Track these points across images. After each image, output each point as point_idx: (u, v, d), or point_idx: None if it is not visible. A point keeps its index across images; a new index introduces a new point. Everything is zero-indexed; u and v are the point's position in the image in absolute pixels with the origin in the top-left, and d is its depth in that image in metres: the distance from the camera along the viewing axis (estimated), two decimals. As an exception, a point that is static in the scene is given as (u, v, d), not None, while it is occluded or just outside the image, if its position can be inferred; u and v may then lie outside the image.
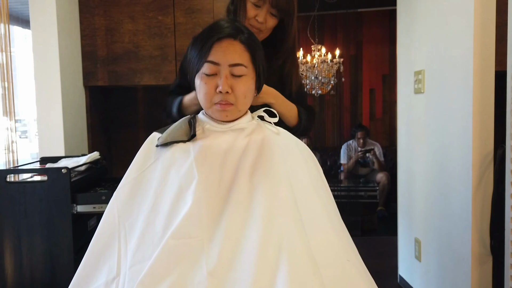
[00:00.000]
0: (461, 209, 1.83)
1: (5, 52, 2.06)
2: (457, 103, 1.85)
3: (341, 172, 4.92)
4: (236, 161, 1.07)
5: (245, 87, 1.11)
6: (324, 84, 4.72)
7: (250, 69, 1.12)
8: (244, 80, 1.11)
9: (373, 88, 5.63)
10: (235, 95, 1.09)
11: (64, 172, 1.77)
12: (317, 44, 4.70)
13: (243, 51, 1.11)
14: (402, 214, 2.60)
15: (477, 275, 1.76)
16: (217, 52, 1.09)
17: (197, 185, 1.02)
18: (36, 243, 1.78)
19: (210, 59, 1.09)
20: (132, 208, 1.07)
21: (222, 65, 1.09)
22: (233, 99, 1.10)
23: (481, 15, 1.69)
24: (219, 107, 1.10)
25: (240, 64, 1.10)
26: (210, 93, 1.10)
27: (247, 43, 1.12)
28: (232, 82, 1.09)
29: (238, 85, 1.10)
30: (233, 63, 1.09)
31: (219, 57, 1.09)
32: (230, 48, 1.10)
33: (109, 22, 2.57)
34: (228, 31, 1.11)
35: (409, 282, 2.47)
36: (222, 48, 1.09)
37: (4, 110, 2.07)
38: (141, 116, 3.01)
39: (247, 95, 1.12)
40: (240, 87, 1.10)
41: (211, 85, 1.09)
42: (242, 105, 1.12)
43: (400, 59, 2.57)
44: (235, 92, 1.09)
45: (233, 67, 1.09)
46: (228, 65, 1.09)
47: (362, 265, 1.05)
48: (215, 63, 1.09)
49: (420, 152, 2.28)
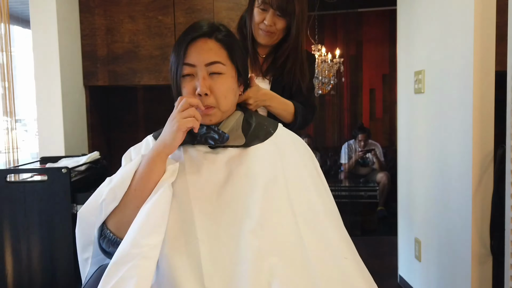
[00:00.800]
0: (461, 209, 1.83)
1: (5, 52, 2.06)
2: (457, 103, 1.85)
3: (342, 172, 4.92)
4: (223, 165, 1.05)
5: (225, 86, 1.06)
6: (324, 84, 4.72)
7: (228, 66, 1.07)
8: (223, 78, 1.06)
9: (373, 88, 5.63)
10: (215, 96, 1.05)
11: (64, 172, 1.77)
12: (317, 44, 4.70)
13: (219, 48, 1.06)
14: (402, 214, 2.60)
15: (477, 275, 1.76)
16: (191, 53, 1.05)
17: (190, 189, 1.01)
18: (36, 243, 1.78)
19: (186, 61, 1.05)
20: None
21: (198, 66, 1.04)
22: (213, 102, 1.05)
23: (481, 15, 1.69)
24: (200, 112, 1.03)
25: (217, 62, 1.05)
26: (190, 96, 1.05)
27: (223, 40, 1.07)
28: (210, 83, 1.04)
29: (216, 85, 1.05)
30: (209, 62, 1.04)
31: (194, 58, 1.04)
32: (205, 47, 1.06)
33: (109, 22, 2.57)
34: (203, 30, 1.07)
35: (409, 282, 2.47)
36: (197, 48, 1.05)
37: (4, 109, 2.07)
38: (141, 116, 3.01)
39: (228, 95, 1.07)
40: (219, 87, 1.05)
41: (190, 88, 1.05)
42: (224, 106, 1.07)
43: (400, 59, 2.57)
44: (215, 93, 1.05)
45: (210, 65, 1.04)
46: (204, 65, 1.04)
47: (361, 263, 1.04)
48: (191, 65, 1.05)
49: (420, 152, 2.28)
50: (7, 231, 1.77)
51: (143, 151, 1.12)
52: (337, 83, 5.02)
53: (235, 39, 1.13)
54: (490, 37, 1.70)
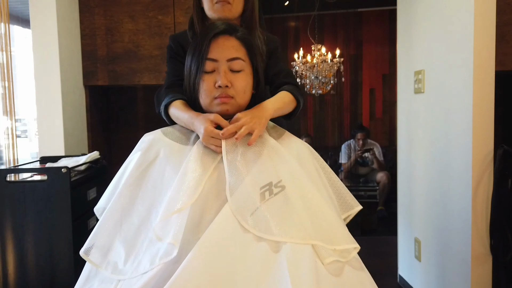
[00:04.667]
0: (461, 209, 1.83)
1: (5, 52, 2.06)
2: (457, 103, 1.85)
3: (341, 172, 4.92)
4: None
5: (244, 82, 1.13)
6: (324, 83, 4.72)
7: (247, 63, 1.15)
8: (243, 75, 1.13)
9: (373, 87, 5.63)
10: (235, 89, 1.11)
11: (64, 171, 1.77)
12: (317, 44, 4.70)
13: (240, 46, 1.13)
14: (402, 214, 2.60)
15: (477, 275, 1.76)
16: (214, 49, 1.11)
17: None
18: (36, 242, 1.78)
19: (209, 57, 1.10)
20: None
21: (220, 61, 1.11)
22: (232, 93, 1.11)
23: (481, 15, 1.69)
24: (219, 100, 1.11)
25: (238, 58, 1.12)
26: (209, 89, 1.11)
27: (242, 38, 1.14)
28: (231, 77, 1.11)
29: (237, 80, 1.12)
30: (231, 57, 1.11)
31: (217, 53, 1.11)
32: (227, 43, 1.12)
33: (109, 21, 2.57)
34: (224, 27, 1.13)
35: (409, 282, 2.47)
36: (219, 44, 1.11)
37: (4, 109, 2.07)
38: (141, 115, 3.01)
39: (246, 90, 1.14)
40: (240, 82, 1.12)
41: (210, 81, 1.11)
42: (241, 99, 1.13)
43: (400, 58, 2.57)
44: (235, 87, 1.11)
45: (231, 61, 1.11)
46: (226, 60, 1.11)
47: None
48: (214, 60, 1.11)
49: (420, 152, 2.28)
50: (7, 230, 1.77)
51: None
52: (337, 83, 5.03)
53: (252, 39, 1.18)
54: (490, 37, 1.70)
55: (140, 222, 1.05)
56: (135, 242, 1.02)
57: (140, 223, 1.05)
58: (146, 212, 1.05)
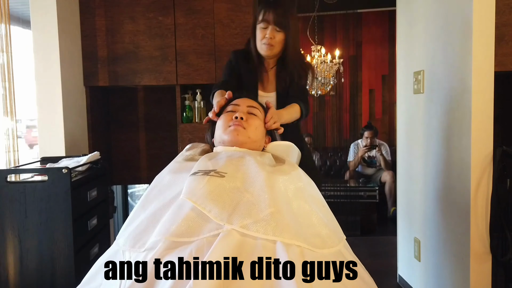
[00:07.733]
0: (460, 209, 1.83)
1: (6, 53, 2.06)
2: (456, 103, 1.85)
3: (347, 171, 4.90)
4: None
5: (256, 122, 1.38)
6: (323, 84, 4.72)
7: (261, 113, 1.43)
8: (257, 119, 1.39)
9: (372, 88, 5.63)
10: (248, 123, 1.35)
11: (65, 172, 1.78)
12: (316, 45, 4.70)
13: (259, 107, 1.46)
14: (401, 214, 2.61)
15: (477, 274, 1.76)
16: (239, 101, 1.44)
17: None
18: (36, 243, 1.78)
19: (233, 103, 1.45)
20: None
21: (241, 105, 1.41)
22: (245, 125, 1.34)
23: (480, 16, 1.69)
24: (232, 126, 1.33)
25: (256, 108, 1.43)
26: (227, 120, 1.36)
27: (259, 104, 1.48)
28: (247, 116, 1.37)
29: (252, 119, 1.37)
30: (251, 105, 1.42)
31: (240, 101, 1.43)
32: (247, 101, 1.46)
33: (109, 22, 2.57)
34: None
35: (408, 282, 2.48)
36: (244, 99, 1.46)
37: (5, 110, 2.07)
38: (142, 116, 3.01)
39: (258, 128, 1.37)
40: (253, 121, 1.37)
41: (229, 117, 1.37)
42: (252, 134, 1.35)
43: (399, 59, 2.58)
44: (248, 122, 1.35)
45: (250, 108, 1.41)
46: (246, 106, 1.41)
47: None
48: (236, 105, 1.42)
49: (419, 152, 2.29)
50: (7, 231, 1.77)
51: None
52: (336, 84, 5.03)
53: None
54: (490, 37, 1.70)
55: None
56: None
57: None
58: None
